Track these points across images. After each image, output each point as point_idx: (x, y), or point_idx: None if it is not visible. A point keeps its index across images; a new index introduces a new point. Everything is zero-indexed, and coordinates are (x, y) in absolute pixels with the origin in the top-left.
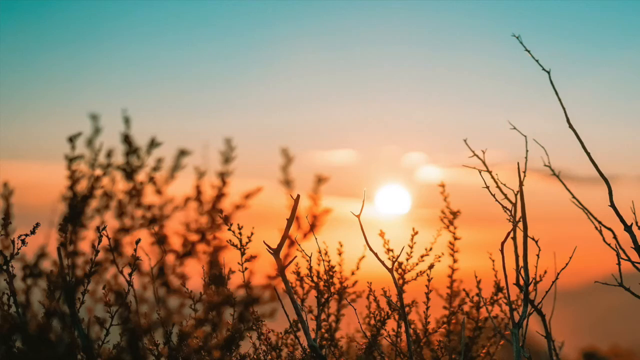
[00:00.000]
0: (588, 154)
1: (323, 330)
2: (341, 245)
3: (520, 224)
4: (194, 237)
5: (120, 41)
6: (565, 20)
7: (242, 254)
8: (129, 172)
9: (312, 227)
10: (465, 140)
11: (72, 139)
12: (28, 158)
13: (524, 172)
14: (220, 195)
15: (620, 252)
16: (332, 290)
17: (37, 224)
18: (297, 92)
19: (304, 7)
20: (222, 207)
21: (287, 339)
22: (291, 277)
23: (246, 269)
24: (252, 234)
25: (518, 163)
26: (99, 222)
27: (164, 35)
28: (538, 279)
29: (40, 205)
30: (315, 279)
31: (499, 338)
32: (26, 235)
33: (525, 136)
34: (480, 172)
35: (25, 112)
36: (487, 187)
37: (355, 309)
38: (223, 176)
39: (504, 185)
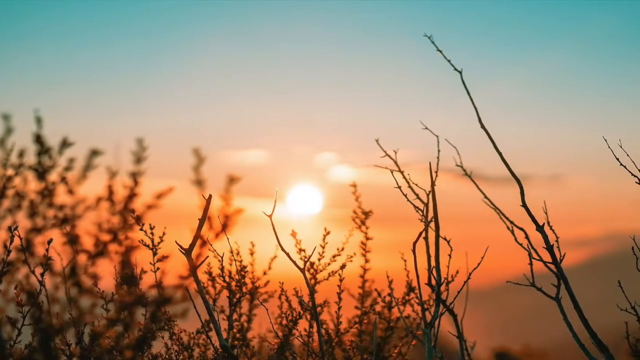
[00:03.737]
0: (500, 154)
1: (235, 330)
2: (253, 245)
3: (432, 224)
4: (105, 237)
5: (32, 41)
6: (478, 20)
7: (154, 254)
8: (41, 172)
9: (224, 227)
10: (377, 140)
11: None
12: None
13: (436, 172)
14: (132, 195)
15: (532, 252)
16: (244, 290)
17: None
18: (209, 92)
19: (216, 8)
20: (134, 207)
21: (199, 339)
22: (203, 277)
23: (158, 269)
24: (164, 234)
25: (430, 163)
26: (11, 222)
27: (76, 35)
28: (450, 279)
29: None
30: (227, 279)
31: (410, 338)
32: None
33: (437, 136)
34: (392, 172)
35: None
36: (399, 187)
37: (267, 309)
38: (135, 176)
39: (416, 185)
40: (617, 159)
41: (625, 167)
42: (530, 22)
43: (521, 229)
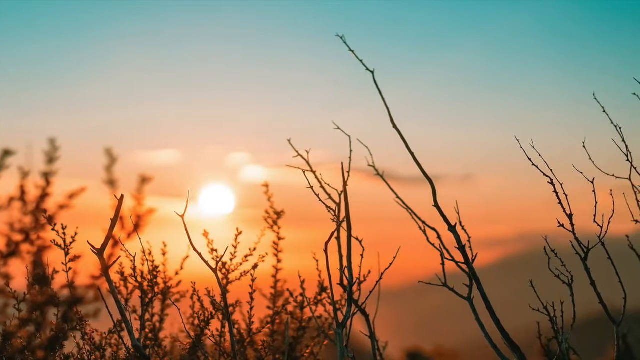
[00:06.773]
0: (412, 154)
1: (147, 331)
2: (165, 246)
3: (345, 224)
4: (17, 237)
5: None
6: (390, 20)
7: (66, 254)
8: None
9: (136, 227)
10: (289, 140)
11: None
12: None
13: (348, 172)
14: (44, 195)
15: (444, 252)
16: (156, 290)
17: None
18: (121, 92)
19: (129, 7)
20: (46, 207)
21: (111, 339)
22: (115, 277)
23: (70, 269)
24: (76, 234)
25: (342, 163)
26: None
27: None
28: (362, 279)
29: None
30: (139, 279)
31: (323, 338)
32: None
33: (349, 136)
34: (304, 172)
35: None
36: (311, 187)
37: (179, 309)
38: (47, 176)
39: (328, 185)
40: (529, 159)
41: (537, 167)
42: (438, 22)
43: (433, 229)
